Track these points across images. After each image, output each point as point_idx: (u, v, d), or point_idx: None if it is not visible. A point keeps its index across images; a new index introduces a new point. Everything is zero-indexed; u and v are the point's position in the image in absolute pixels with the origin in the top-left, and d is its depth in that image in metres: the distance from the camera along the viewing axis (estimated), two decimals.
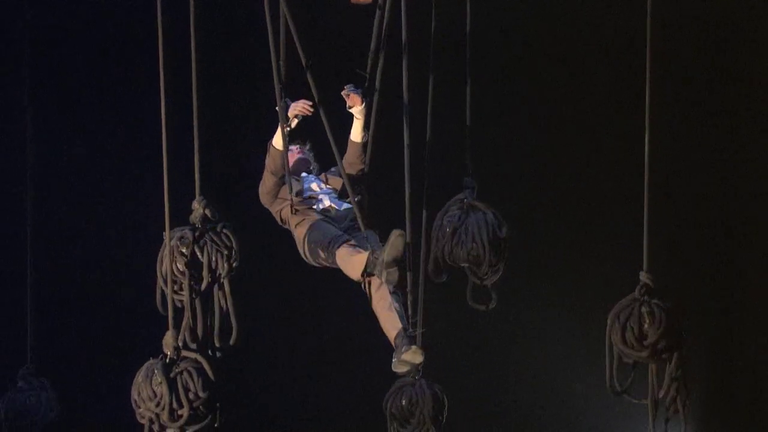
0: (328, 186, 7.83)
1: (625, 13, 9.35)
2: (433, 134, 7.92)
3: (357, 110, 7.54)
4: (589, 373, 8.63)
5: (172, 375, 6.22)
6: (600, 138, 10.59)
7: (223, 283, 6.35)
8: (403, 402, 8.67)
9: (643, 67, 7.12)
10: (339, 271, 7.33)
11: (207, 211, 6.37)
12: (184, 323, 6.32)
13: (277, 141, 7.55)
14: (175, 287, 6.31)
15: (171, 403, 6.17)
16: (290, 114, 7.47)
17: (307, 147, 8.07)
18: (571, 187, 10.74)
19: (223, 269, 6.33)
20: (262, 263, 10.51)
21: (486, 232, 7.99)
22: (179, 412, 6.19)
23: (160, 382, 6.19)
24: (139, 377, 6.27)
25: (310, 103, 7.44)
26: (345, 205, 7.67)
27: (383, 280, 6.93)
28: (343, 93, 7.52)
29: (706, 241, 11.00)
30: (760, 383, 10.86)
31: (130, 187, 10.00)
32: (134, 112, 9.81)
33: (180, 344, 6.27)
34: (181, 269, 6.30)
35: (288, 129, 7.47)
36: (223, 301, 6.36)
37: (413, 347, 6.95)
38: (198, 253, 6.30)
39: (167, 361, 6.26)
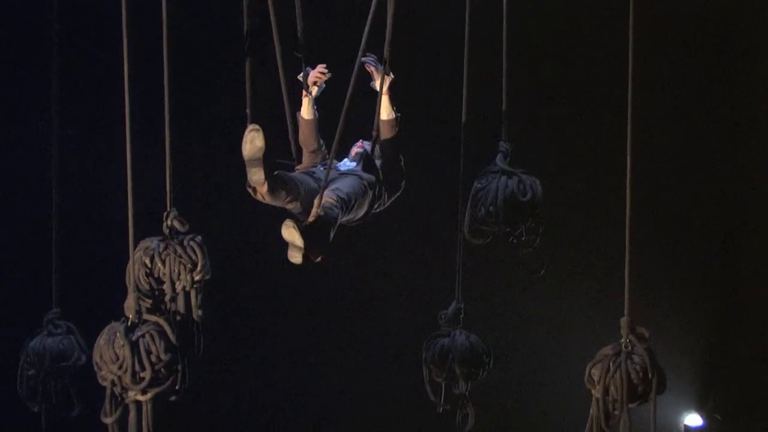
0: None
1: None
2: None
3: (377, 85, 7.35)
4: None
5: (134, 338, 6.25)
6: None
7: (189, 294, 6.36)
8: (435, 351, 8.58)
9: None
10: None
11: (176, 223, 6.41)
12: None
13: (303, 110, 7.53)
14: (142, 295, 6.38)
15: (133, 366, 6.21)
16: (309, 81, 7.44)
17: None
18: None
19: (186, 282, 6.34)
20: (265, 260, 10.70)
21: (504, 196, 8.09)
22: (141, 375, 6.23)
23: (123, 345, 6.23)
24: (101, 340, 6.33)
25: (325, 68, 7.42)
26: (348, 167, 7.57)
27: (249, 180, 6.72)
28: (364, 63, 7.35)
29: (707, 238, 10.92)
30: (760, 380, 10.76)
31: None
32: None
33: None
34: (144, 279, 6.36)
35: (309, 96, 7.43)
36: (190, 312, 6.39)
37: (285, 222, 6.64)
38: (160, 265, 6.34)
39: (129, 324, 6.31)
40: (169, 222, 6.43)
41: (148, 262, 6.37)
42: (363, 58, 7.32)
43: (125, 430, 6.24)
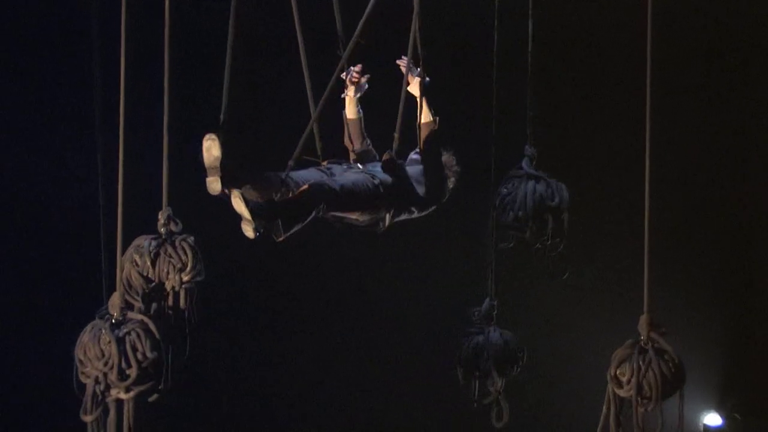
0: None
1: None
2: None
3: (414, 90, 7.25)
4: None
5: (120, 335, 6.19)
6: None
7: (179, 294, 6.31)
8: (470, 348, 8.57)
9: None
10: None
11: (170, 222, 6.37)
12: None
13: (346, 110, 7.53)
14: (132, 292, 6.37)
15: (120, 363, 6.15)
16: (347, 82, 7.41)
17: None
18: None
19: (175, 282, 6.28)
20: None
21: (533, 200, 8.13)
22: (128, 372, 6.16)
23: (109, 342, 6.18)
24: (85, 337, 6.30)
25: (357, 69, 7.38)
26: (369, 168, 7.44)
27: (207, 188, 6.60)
28: (400, 63, 7.26)
29: (727, 238, 10.68)
30: None
31: None
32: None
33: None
34: (135, 277, 6.32)
35: (348, 96, 7.44)
36: (181, 311, 6.35)
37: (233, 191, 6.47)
38: (149, 264, 6.31)
39: (113, 321, 6.25)
40: (163, 221, 6.38)
41: (138, 260, 6.30)
42: (397, 61, 7.22)
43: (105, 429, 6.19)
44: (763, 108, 11.04)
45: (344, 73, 7.38)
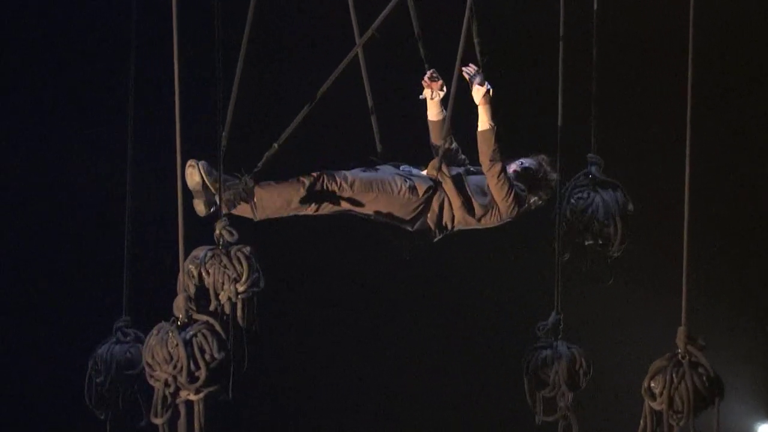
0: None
1: None
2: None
3: (474, 97, 7.39)
4: None
5: (187, 337, 6.20)
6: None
7: (236, 305, 6.30)
8: (538, 362, 8.41)
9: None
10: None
11: (224, 232, 6.34)
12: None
13: (428, 112, 7.72)
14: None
15: (189, 365, 6.15)
16: (424, 85, 7.62)
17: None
18: None
19: (231, 293, 6.27)
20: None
21: (617, 208, 8.12)
22: (197, 374, 6.17)
23: (177, 345, 6.18)
24: (152, 340, 6.28)
25: (428, 75, 7.60)
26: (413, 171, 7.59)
27: None
28: (464, 72, 7.34)
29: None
30: None
31: None
32: None
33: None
34: (191, 288, 6.34)
35: (427, 99, 7.65)
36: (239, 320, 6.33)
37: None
38: (204, 275, 6.31)
39: (179, 323, 6.26)
40: (218, 231, 6.39)
41: (194, 271, 6.33)
42: (462, 68, 7.34)
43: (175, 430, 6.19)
44: None
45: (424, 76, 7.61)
